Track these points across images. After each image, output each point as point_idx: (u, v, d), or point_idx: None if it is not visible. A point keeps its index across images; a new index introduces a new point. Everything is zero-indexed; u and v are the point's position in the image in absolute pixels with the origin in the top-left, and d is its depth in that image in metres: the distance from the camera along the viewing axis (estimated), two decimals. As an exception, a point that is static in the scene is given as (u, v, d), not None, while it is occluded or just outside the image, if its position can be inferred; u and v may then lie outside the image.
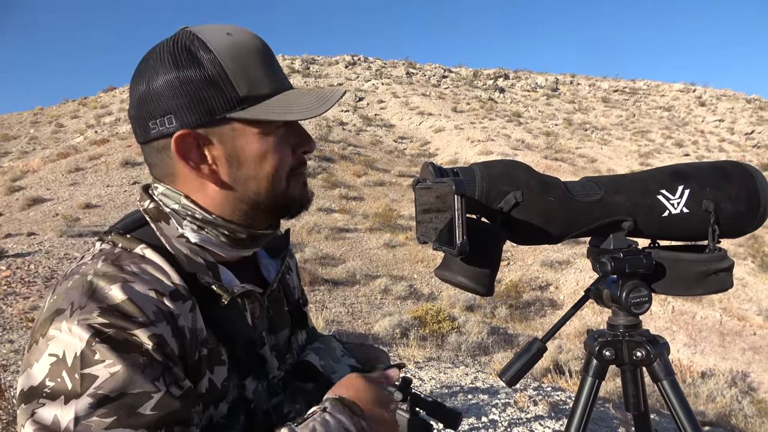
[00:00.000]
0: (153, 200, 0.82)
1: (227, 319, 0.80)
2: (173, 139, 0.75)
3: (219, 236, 0.81)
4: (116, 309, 0.67)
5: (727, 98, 37.57)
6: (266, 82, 0.77)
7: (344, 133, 22.15)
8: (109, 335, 0.66)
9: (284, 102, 0.77)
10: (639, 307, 1.07)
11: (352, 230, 12.35)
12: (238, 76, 0.75)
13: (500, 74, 38.28)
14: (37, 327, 0.69)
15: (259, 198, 0.81)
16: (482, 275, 0.98)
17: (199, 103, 0.74)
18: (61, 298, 0.69)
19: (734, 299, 10.69)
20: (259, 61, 0.77)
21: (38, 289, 6.94)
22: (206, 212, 0.80)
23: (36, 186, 14.38)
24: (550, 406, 3.99)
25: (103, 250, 0.77)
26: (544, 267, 11.35)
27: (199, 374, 0.75)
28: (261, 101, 0.76)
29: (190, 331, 0.74)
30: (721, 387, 7.08)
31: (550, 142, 24.59)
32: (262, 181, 0.79)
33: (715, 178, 1.08)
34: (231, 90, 0.74)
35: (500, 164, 1.04)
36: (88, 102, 31.09)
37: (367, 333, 7.24)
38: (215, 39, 0.75)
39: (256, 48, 0.78)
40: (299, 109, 0.77)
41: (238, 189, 0.80)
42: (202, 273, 0.79)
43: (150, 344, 0.68)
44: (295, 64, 34.10)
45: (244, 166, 0.78)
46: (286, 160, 0.81)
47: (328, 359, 0.96)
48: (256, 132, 0.77)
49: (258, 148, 0.78)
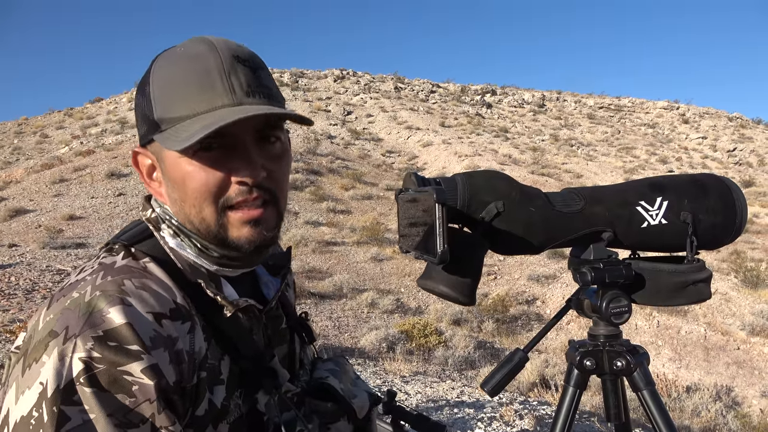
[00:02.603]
0: (153, 209, 0.83)
1: (232, 331, 0.79)
2: (131, 153, 0.83)
3: (192, 246, 0.80)
4: (112, 338, 0.65)
5: (709, 116, 38.32)
6: (186, 103, 0.73)
7: (332, 147, 22.20)
8: (97, 373, 0.63)
9: (184, 127, 0.72)
10: (619, 317, 1.08)
11: (339, 243, 12.32)
12: (157, 98, 0.75)
13: (487, 90, 38.73)
14: (32, 348, 0.66)
15: (195, 223, 0.77)
16: (463, 285, 0.99)
17: (141, 123, 0.79)
18: (56, 317, 0.67)
19: (718, 314, 10.80)
20: (193, 80, 0.73)
21: (18, 301, 6.81)
22: (178, 220, 0.80)
23: (19, 197, 14.19)
24: (536, 420, 3.98)
25: (104, 264, 0.75)
26: (531, 281, 11.39)
27: (199, 398, 0.73)
28: (177, 123, 0.73)
29: (188, 355, 0.71)
30: (705, 401, 7.12)
31: (537, 157, 24.85)
32: (191, 207, 0.76)
33: (693, 191, 1.10)
34: (150, 112, 0.75)
35: (482, 175, 1.05)
36: (74, 113, 30.90)
37: (354, 347, 7.19)
38: (161, 61, 0.77)
39: (197, 65, 0.73)
40: (179, 138, 0.71)
41: (180, 209, 0.78)
42: (206, 283, 0.77)
43: (143, 380, 0.65)
44: (284, 77, 34.21)
45: (176, 188, 0.77)
46: (209, 185, 0.74)
47: (347, 383, 0.95)
48: (177, 154, 0.74)
49: (180, 170, 0.75)
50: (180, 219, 0.79)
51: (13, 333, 3.62)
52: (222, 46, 0.75)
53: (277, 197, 0.78)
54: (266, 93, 0.76)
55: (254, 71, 0.76)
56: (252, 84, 0.75)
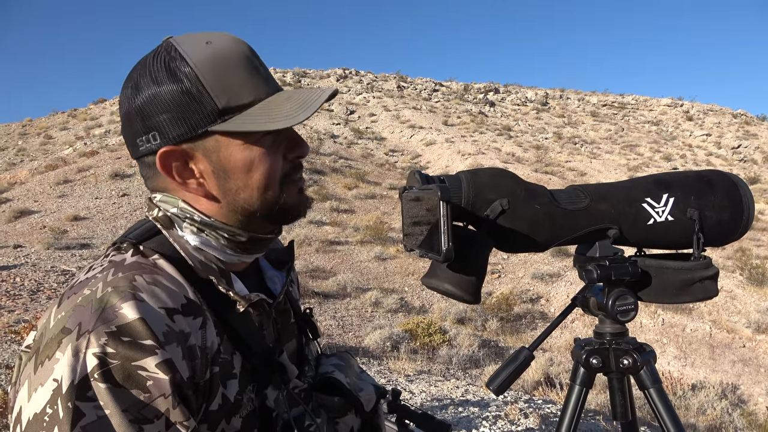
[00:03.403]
0: (160, 209, 0.82)
1: (243, 327, 0.79)
2: (158, 156, 0.75)
3: (219, 239, 0.80)
4: (125, 333, 0.65)
5: (714, 113, 38.16)
6: (247, 90, 0.75)
7: (335, 146, 22.20)
8: (111, 368, 0.63)
9: (265, 110, 0.75)
10: (625, 315, 1.07)
11: (342, 243, 12.32)
12: (216, 87, 0.73)
13: (490, 88, 38.66)
14: (44, 345, 0.66)
15: (252, 208, 0.79)
16: (468, 283, 0.98)
17: (179, 119, 0.74)
18: (68, 315, 0.67)
19: (723, 312, 10.76)
20: (241, 68, 0.75)
21: (23, 302, 6.84)
22: (204, 215, 0.79)
23: (23, 198, 14.25)
24: (541, 419, 3.98)
25: (114, 261, 0.74)
26: (535, 280, 11.37)
27: (212, 393, 0.73)
28: (242, 110, 0.74)
29: (201, 350, 0.71)
30: (711, 399, 7.09)
31: (540, 155, 24.79)
32: (253, 192, 0.78)
33: (699, 187, 1.09)
34: (210, 102, 0.73)
35: (486, 172, 1.04)
36: (78, 114, 30.97)
37: (358, 346, 7.19)
38: (194, 50, 0.74)
39: (237, 55, 0.76)
40: (278, 117, 0.74)
41: (230, 200, 0.79)
42: (218, 280, 0.77)
43: (158, 374, 0.65)
44: (287, 77, 34.23)
45: (233, 178, 0.77)
46: (276, 167, 0.78)
47: (353, 377, 0.95)
48: (241, 143, 0.75)
49: (244, 158, 0.76)
50: (215, 212, 0.80)
51: (17, 333, 3.62)
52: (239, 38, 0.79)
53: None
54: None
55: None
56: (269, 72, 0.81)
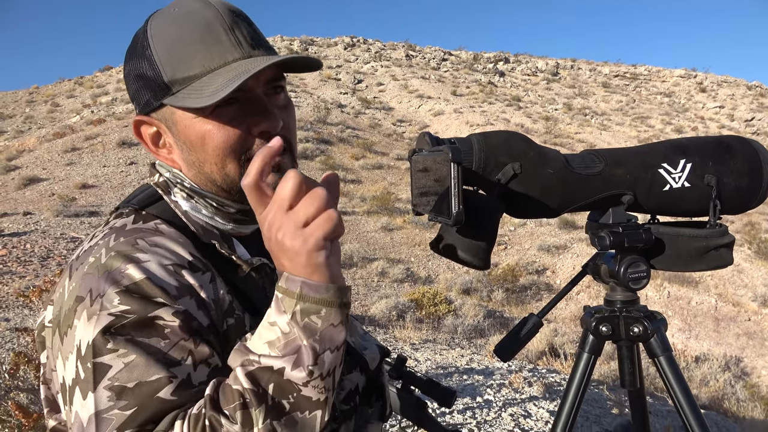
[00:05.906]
0: (161, 174, 0.82)
1: (249, 288, 0.78)
2: (132, 124, 0.80)
3: (208, 207, 0.79)
4: (135, 291, 0.65)
5: (727, 84, 37.43)
6: (197, 61, 0.72)
7: (342, 116, 22.03)
8: (128, 322, 0.64)
9: (206, 84, 0.71)
10: (637, 283, 1.05)
11: (349, 213, 12.33)
12: (164, 60, 0.72)
13: (500, 58, 38.01)
14: (63, 318, 0.68)
15: (218, 182, 0.77)
16: (478, 248, 0.96)
17: (142, 90, 0.75)
18: (78, 284, 0.68)
19: (729, 285, 10.75)
20: (196, 37, 0.72)
21: (34, 268, 6.93)
22: (193, 182, 0.79)
23: (32, 166, 14.31)
24: (545, 388, 4.02)
25: (114, 227, 0.75)
26: (541, 251, 11.37)
27: (230, 345, 0.72)
28: (190, 82, 0.72)
29: (214, 302, 0.71)
30: (714, 371, 7.14)
31: (550, 126, 24.52)
32: (212, 166, 0.75)
33: (718, 153, 1.06)
34: (158, 75, 0.73)
35: (498, 135, 1.01)
36: (85, 81, 30.82)
37: (364, 315, 7.26)
38: (157, 21, 0.75)
39: (197, 22, 0.72)
40: (207, 92, 0.69)
41: (198, 171, 0.77)
42: (220, 244, 0.77)
43: (175, 322, 0.65)
44: (294, 45, 33.81)
45: (193, 150, 0.76)
46: (231, 142, 0.74)
47: (357, 336, 0.94)
48: (193, 116, 0.73)
49: (197, 132, 0.74)
50: (197, 181, 0.79)
51: (27, 297, 3.67)
52: (215, 2, 0.75)
53: (291, 145, 0.79)
54: (267, 45, 0.77)
55: (250, 25, 0.77)
56: (254, 37, 0.75)
